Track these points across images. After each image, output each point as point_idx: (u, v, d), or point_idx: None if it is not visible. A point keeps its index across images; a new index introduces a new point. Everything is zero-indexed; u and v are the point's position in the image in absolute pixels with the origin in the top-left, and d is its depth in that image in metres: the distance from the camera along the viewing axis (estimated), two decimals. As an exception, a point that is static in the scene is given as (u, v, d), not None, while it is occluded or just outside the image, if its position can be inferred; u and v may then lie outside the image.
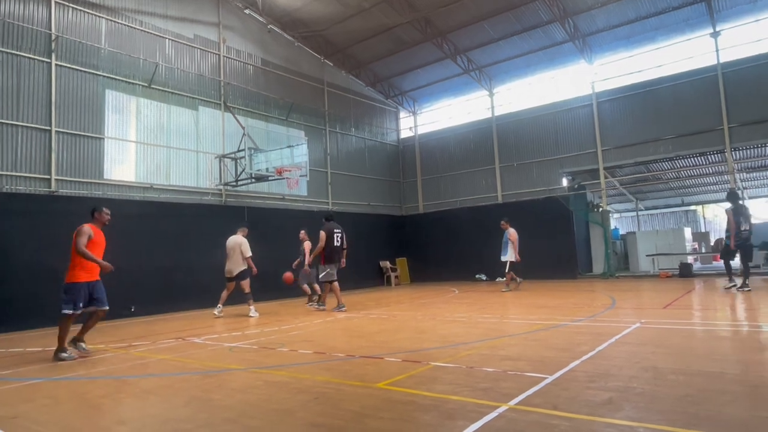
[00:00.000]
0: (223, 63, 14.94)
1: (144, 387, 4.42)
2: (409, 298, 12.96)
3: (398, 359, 4.98)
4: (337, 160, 18.56)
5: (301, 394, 3.83)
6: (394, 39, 17.45)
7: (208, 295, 12.88)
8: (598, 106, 16.91)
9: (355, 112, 19.84)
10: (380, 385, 3.99)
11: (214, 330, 8.22)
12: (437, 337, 6.37)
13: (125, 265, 11.58)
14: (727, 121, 14.59)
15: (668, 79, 15.80)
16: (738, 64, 14.64)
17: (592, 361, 4.47)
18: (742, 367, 4.06)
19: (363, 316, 9.22)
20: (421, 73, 19.61)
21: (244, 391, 4.05)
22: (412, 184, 21.57)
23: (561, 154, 17.65)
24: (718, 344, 5.16)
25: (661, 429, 2.74)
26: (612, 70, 17.20)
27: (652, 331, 5.91)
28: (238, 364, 5.23)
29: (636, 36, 16.20)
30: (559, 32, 16.32)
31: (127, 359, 5.90)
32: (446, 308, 9.81)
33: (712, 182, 20.83)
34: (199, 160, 13.91)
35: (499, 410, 3.16)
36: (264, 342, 6.64)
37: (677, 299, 9.23)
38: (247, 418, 3.32)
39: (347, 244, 10.64)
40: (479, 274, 18.64)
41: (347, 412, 3.33)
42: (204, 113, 14.23)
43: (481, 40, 17.27)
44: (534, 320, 7.34)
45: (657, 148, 15.89)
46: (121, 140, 12.30)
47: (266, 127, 15.42)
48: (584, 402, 3.28)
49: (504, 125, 19.07)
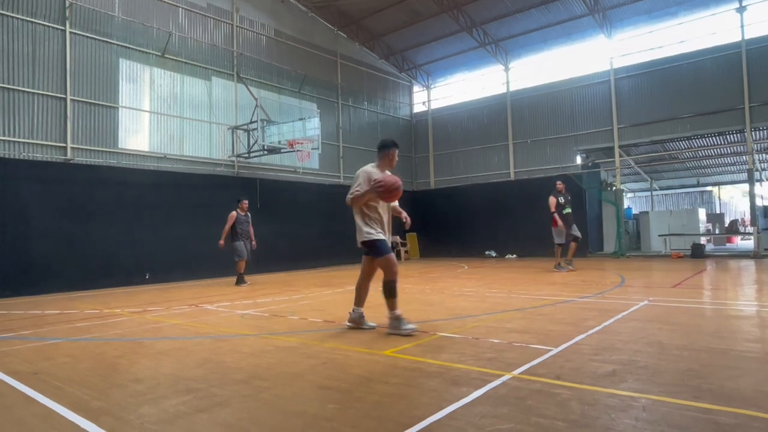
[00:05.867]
0: (236, 33, 14.83)
1: (158, 349, 4.56)
2: (418, 272, 13.06)
3: (406, 329, 5.06)
4: (349, 133, 18.50)
5: (310, 359, 3.94)
6: (409, 10, 17.14)
7: (220, 265, 13.13)
8: (616, 83, 16.58)
9: (368, 86, 19.67)
10: (387, 352, 4.08)
11: (226, 298, 8.39)
12: (445, 309, 6.45)
13: (140, 234, 11.84)
14: (749, 100, 14.24)
15: (689, 55, 15.40)
16: (763, 41, 14.19)
17: (598, 335, 4.51)
18: (748, 345, 4.07)
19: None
20: (436, 47, 19.29)
21: (255, 354, 4.17)
22: (424, 160, 21.47)
23: (576, 131, 17.41)
24: (726, 323, 5.17)
25: (662, 400, 2.79)
26: (631, 46, 16.78)
27: (660, 309, 5.92)
28: (250, 330, 5.36)
29: (658, 11, 15.73)
30: (579, 5, 15.90)
31: (142, 323, 6.07)
32: (455, 283, 9.89)
33: (729, 163, 20.47)
34: (212, 131, 13.96)
35: (502, 378, 3.23)
36: (275, 310, 6.78)
37: (687, 279, 9.20)
38: (258, 379, 3.43)
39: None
40: (489, 250, 18.67)
41: (354, 377, 3.42)
42: (217, 84, 14.21)
43: (498, 12, 16.90)
44: (541, 296, 7.38)
45: (674, 126, 15.60)
46: (135, 110, 12.37)
47: (279, 99, 15.38)
48: (588, 373, 3.33)
49: (519, 101, 18.79)
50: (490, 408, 2.73)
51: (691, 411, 2.61)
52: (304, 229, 15.18)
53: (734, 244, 22.21)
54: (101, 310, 7.31)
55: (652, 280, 9.53)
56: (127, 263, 11.55)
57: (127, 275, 11.45)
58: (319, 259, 15.88)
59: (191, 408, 2.88)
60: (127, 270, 11.51)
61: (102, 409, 2.92)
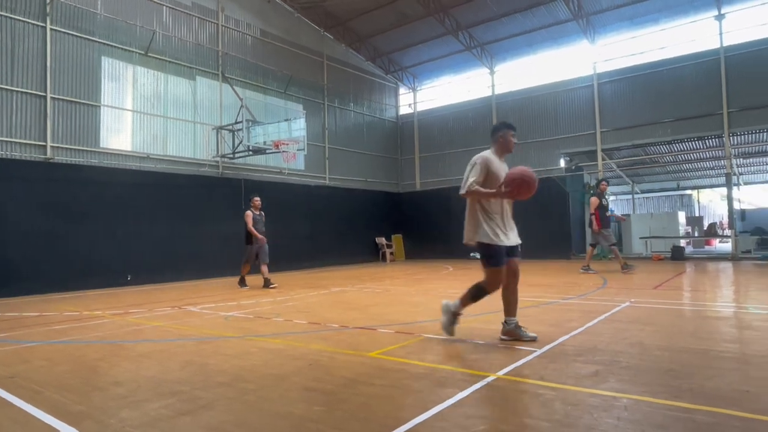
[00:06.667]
0: (222, 33, 14.71)
1: (139, 351, 4.50)
2: (403, 273, 13.08)
3: (391, 330, 5.08)
4: (335, 134, 18.47)
5: (295, 361, 3.92)
6: (396, 12, 17.17)
7: (204, 266, 12.99)
8: (599, 87, 16.81)
9: (354, 87, 19.66)
10: (373, 354, 4.08)
11: (210, 300, 8.30)
12: (430, 311, 6.47)
13: (122, 234, 11.66)
14: (727, 106, 14.56)
15: (670, 61, 15.67)
16: (741, 48, 14.51)
17: (581, 336, 4.57)
18: (726, 346, 4.16)
19: (358, 290, 9.33)
20: (422, 49, 19.36)
21: (239, 356, 4.14)
22: (410, 161, 21.52)
23: (559, 134, 17.60)
24: (705, 323, 5.27)
25: (644, 400, 2.84)
26: (614, 51, 17.03)
27: (641, 310, 6.01)
28: (234, 332, 5.31)
29: (639, 17, 15.98)
30: (563, 10, 16.10)
31: (123, 325, 5.98)
32: (440, 284, 9.92)
33: (708, 167, 20.87)
34: (196, 131, 13.81)
35: (487, 379, 3.25)
36: (259, 312, 6.73)
37: (668, 281, 9.36)
38: (242, 381, 3.40)
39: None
40: (474, 252, 18.75)
41: (340, 378, 3.41)
42: (201, 84, 14.08)
43: (483, 16, 17.02)
44: (526, 297, 7.43)
45: (655, 131, 15.87)
46: (117, 108, 12.19)
47: (264, 100, 15.29)
48: (571, 374, 3.37)
49: (504, 104, 18.95)
50: (475, 409, 2.75)
51: (671, 410, 2.65)
52: (289, 231, 15.07)
53: (713, 246, 22.63)
54: (81, 312, 7.18)
55: (633, 281, 9.66)
56: (108, 264, 11.37)
57: (108, 277, 11.26)
58: (304, 260, 15.81)
59: (174, 411, 2.85)
60: (108, 271, 11.32)
61: (82, 413, 2.86)
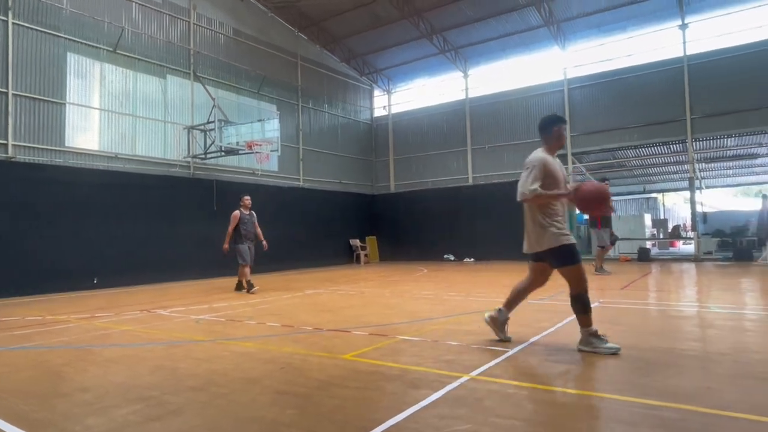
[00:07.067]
0: (193, 31, 14.45)
1: (107, 356, 4.37)
2: (377, 275, 13.08)
3: (365, 333, 5.07)
4: (309, 136, 18.35)
5: (267, 364, 3.87)
6: (370, 15, 17.19)
7: (174, 268, 12.73)
8: (569, 93, 17.18)
9: (329, 88, 19.59)
10: (347, 356, 4.06)
11: (181, 303, 8.13)
12: (404, 312, 6.49)
13: (88, 236, 11.33)
14: (690, 113, 15.08)
15: (637, 68, 16.14)
16: (703, 57, 15.06)
17: (552, 336, 4.65)
18: (689, 344, 4.30)
19: (331, 292, 9.29)
20: (397, 52, 19.43)
21: (210, 360, 4.07)
22: (384, 163, 21.56)
23: (532, 138, 17.89)
24: (669, 322, 5.43)
25: (612, 397, 2.91)
26: (584, 57, 17.45)
27: (610, 310, 6.17)
28: (205, 336, 5.22)
29: (608, 24, 16.41)
30: (535, 17, 16.40)
31: (90, 330, 5.80)
32: (414, 286, 9.96)
33: (673, 171, 21.53)
34: (166, 131, 13.53)
35: (460, 380, 3.28)
36: (231, 315, 6.63)
37: (634, 281, 9.63)
38: (213, 386, 3.34)
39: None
40: (447, 254, 18.92)
41: (313, 381, 3.39)
42: (172, 82, 13.80)
43: (457, 20, 17.19)
44: (499, 298, 7.52)
45: (623, 135, 16.32)
46: (83, 106, 11.83)
47: (237, 100, 15.08)
48: (542, 373, 3.43)
49: (477, 107, 19.17)
50: (449, 409, 2.77)
51: (639, 407, 2.73)
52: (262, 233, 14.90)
53: (677, 248, 23.37)
54: (44, 317, 6.94)
55: (602, 282, 9.89)
56: (73, 267, 11.00)
57: (73, 280, 10.90)
58: (277, 263, 15.61)
59: (142, 417, 2.78)
60: (73, 274, 10.96)
61: (45, 421, 2.77)
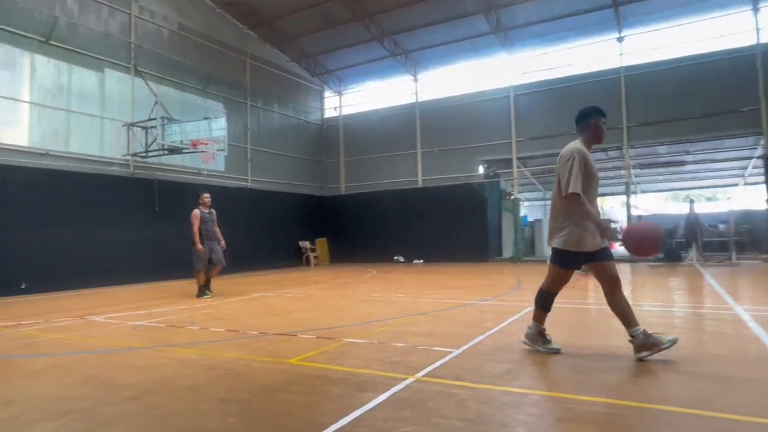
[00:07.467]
0: (135, 23, 13.84)
1: (34, 367, 4.10)
2: (327, 278, 12.99)
3: (312, 336, 5.02)
4: (258, 136, 17.99)
5: (209, 371, 3.75)
6: (322, 15, 17.07)
7: (112, 272, 12.13)
8: (515, 99, 17.74)
9: (279, 88, 19.29)
10: (292, 360, 4.00)
11: (118, 308, 7.75)
12: (352, 315, 6.47)
13: (15, 237, 10.59)
14: (627, 121, 15.94)
15: (578, 77, 16.90)
16: (638, 69, 15.96)
17: (495, 336, 4.77)
18: (622, 341, 4.52)
19: (279, 296, 9.14)
20: (348, 53, 19.40)
21: (148, 369, 3.90)
22: (335, 165, 21.47)
23: (479, 142, 18.36)
24: (604, 321, 5.70)
25: (550, 395, 3.02)
26: (529, 65, 18.07)
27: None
28: (144, 343, 5.00)
29: (551, 34, 17.08)
30: (483, 24, 16.83)
31: (15, 338, 5.42)
32: (363, 288, 9.96)
33: (611, 176, 22.68)
34: (104, 127, 12.87)
35: (406, 382, 3.30)
36: (172, 320, 6.38)
37: (574, 282, 10.04)
38: (150, 395, 3.20)
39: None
40: (397, 255, 19.06)
41: (257, 387, 3.32)
42: (111, 76, 13.15)
43: (408, 24, 17.38)
44: (446, 299, 7.67)
45: (564, 141, 16.54)
46: (11, 99, 11.06)
47: (182, 97, 14.56)
48: (485, 373, 3.51)
49: (427, 111, 19.45)
50: (394, 411, 2.78)
51: (574, 404, 2.84)
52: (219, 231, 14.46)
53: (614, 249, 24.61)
54: (-36, 325, 6.42)
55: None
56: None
57: (-2, 284, 10.16)
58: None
59: (71, 431, 2.62)
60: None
61: (-40, 439, 2.56)
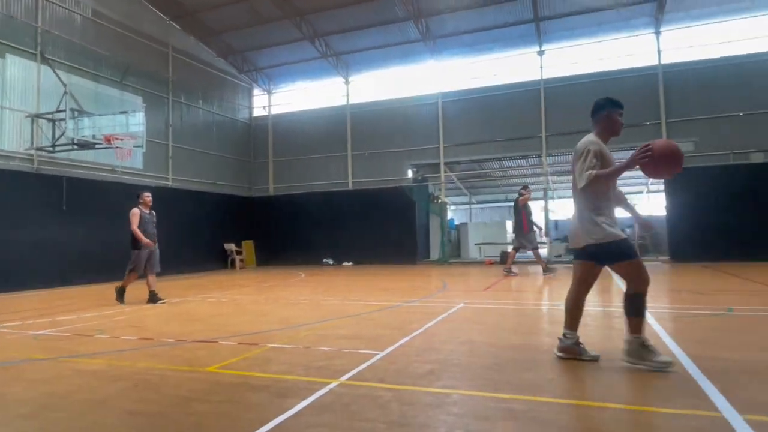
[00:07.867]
0: (42, 6, 12.73)
1: None
2: (253, 281, 12.62)
3: (233, 342, 4.83)
4: (180, 132, 17.15)
5: (117, 382, 3.50)
6: (250, 11, 16.60)
7: (10, 277, 11.09)
8: (443, 105, 18.22)
9: (204, 83, 18.53)
10: (211, 368, 3.83)
11: (17, 316, 7.06)
12: (278, 319, 6.32)
13: None
14: (545, 130, 16.86)
15: (502, 87, 17.66)
16: (557, 82, 16.95)
17: (420, 337, 4.84)
18: (540, 339, 4.76)
19: (201, 300, 8.76)
20: (278, 52, 19.03)
21: (48, 382, 3.57)
22: (263, 165, 20.94)
23: (408, 146, 18.66)
24: (524, 320, 5.97)
25: (470, 394, 3.09)
26: (457, 74, 18.65)
27: (473, 310, 6.61)
28: (44, 353, 4.58)
29: (479, 44, 17.74)
30: (413, 31, 17.14)
31: None
32: (291, 291, 9.77)
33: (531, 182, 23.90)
34: (4, 118, 11.72)
35: (329, 386, 3.26)
36: (79, 329, 5.90)
37: (496, 283, 10.45)
38: (49, 411, 2.93)
39: None
40: (326, 258, 18.91)
41: (170, 398, 3.13)
42: (13, 62, 12.00)
43: (340, 26, 17.33)
44: (373, 302, 7.69)
45: (489, 148, 17.73)
46: None
47: (95, 88, 13.57)
48: (409, 374, 3.54)
49: (358, 114, 19.49)
50: (316, 417, 2.73)
51: (493, 402, 2.94)
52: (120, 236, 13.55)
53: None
54: None
55: (468, 284, 10.61)
56: None
57: None
58: (140, 268, 14.33)
59: (-51, 456, 2.33)
60: None
61: None
